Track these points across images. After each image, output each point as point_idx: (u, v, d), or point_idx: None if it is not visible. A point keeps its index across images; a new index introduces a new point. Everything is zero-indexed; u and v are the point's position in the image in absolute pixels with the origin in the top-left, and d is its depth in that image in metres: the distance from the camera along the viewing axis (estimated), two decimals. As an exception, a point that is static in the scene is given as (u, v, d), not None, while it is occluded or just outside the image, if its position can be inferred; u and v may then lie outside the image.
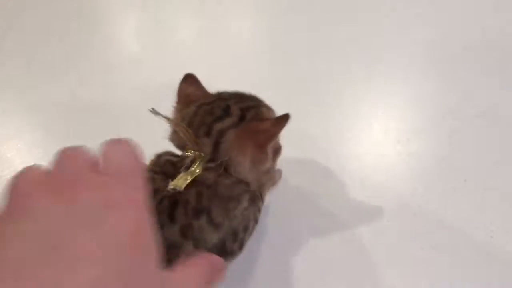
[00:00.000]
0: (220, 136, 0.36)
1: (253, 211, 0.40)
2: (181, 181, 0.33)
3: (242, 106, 0.38)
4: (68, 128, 0.63)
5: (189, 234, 0.34)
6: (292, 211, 0.50)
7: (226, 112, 0.37)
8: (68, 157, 0.22)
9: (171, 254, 0.29)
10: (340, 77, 0.67)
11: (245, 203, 0.38)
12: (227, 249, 0.37)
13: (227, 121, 0.36)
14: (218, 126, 0.36)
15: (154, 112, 0.35)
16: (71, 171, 0.22)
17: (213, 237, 0.35)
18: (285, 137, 0.40)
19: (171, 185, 0.33)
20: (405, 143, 0.56)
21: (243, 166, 0.37)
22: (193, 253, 0.34)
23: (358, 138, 0.58)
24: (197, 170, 0.34)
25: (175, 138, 0.38)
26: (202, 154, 0.35)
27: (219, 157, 0.35)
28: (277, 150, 0.42)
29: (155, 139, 0.38)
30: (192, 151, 0.35)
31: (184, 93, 0.40)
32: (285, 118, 0.36)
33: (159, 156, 0.39)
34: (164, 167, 0.37)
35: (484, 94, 0.61)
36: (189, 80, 0.40)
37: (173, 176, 0.34)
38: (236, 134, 0.36)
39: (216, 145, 0.35)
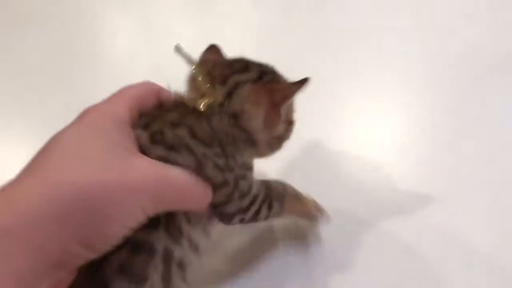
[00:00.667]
0: (235, 87, 0.36)
1: (262, 193, 0.39)
2: (201, 102, 0.35)
3: (261, 70, 0.39)
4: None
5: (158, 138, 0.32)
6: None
7: (246, 68, 0.38)
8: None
9: None
10: (336, 84, 0.67)
11: (247, 159, 0.37)
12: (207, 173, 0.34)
13: (245, 76, 0.37)
14: (236, 77, 0.37)
15: (178, 49, 0.36)
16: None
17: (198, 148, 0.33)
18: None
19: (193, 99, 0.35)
20: (401, 153, 0.56)
21: (255, 122, 0.37)
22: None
23: (354, 150, 0.57)
24: (202, 107, 0.34)
25: (191, 87, 0.38)
26: (214, 99, 0.35)
27: (230, 106, 0.36)
28: (291, 123, 0.41)
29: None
30: (204, 99, 0.35)
31: (205, 60, 0.40)
32: (303, 81, 0.36)
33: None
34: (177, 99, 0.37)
35: (483, 100, 0.60)
36: (213, 50, 0.42)
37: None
38: (253, 88, 0.36)
39: (229, 94, 0.36)
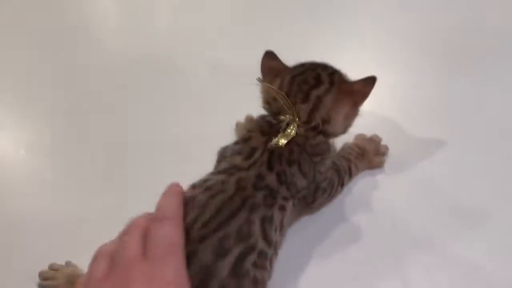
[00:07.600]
0: (319, 102, 0.44)
1: (336, 178, 0.48)
2: (282, 140, 0.42)
3: (328, 72, 0.46)
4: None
5: (283, 179, 0.41)
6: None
7: (318, 80, 0.45)
8: (124, 244, 0.33)
9: (271, 199, 0.40)
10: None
11: (328, 162, 0.46)
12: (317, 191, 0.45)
13: (322, 88, 0.44)
14: (315, 92, 0.44)
15: (259, 80, 0.45)
16: (123, 264, 0.32)
17: (302, 182, 0.43)
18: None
19: (274, 142, 0.42)
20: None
21: (339, 125, 0.45)
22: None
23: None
24: (292, 133, 0.42)
25: (270, 104, 0.46)
26: (297, 119, 0.43)
27: (315, 119, 0.43)
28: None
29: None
30: (287, 116, 0.43)
31: (267, 67, 0.48)
32: (373, 79, 0.44)
33: (254, 118, 0.48)
34: (262, 126, 0.45)
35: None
36: (270, 55, 0.48)
37: (270, 134, 0.43)
38: (335, 98, 0.44)
39: (313, 110, 0.43)
